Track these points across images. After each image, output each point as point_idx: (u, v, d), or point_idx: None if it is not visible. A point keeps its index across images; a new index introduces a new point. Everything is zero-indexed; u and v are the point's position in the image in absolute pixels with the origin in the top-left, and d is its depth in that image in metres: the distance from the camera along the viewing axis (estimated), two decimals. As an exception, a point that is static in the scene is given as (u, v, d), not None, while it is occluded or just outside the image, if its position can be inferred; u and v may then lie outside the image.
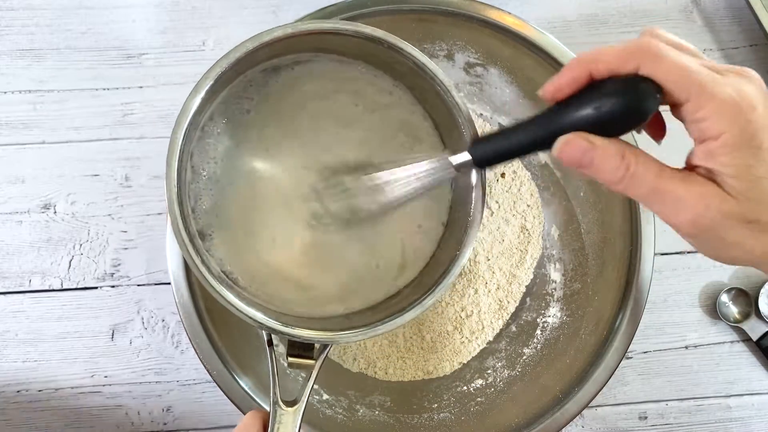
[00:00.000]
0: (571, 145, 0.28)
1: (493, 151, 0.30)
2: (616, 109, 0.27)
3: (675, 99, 0.27)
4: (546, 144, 0.29)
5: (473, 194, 0.37)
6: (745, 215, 0.27)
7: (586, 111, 0.27)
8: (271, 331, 0.35)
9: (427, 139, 0.40)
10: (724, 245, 0.28)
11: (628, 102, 0.27)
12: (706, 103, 0.26)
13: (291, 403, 0.36)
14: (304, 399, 0.35)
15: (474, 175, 0.36)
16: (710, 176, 0.27)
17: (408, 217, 0.40)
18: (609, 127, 0.27)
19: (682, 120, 0.27)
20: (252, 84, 0.38)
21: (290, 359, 0.37)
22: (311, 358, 0.37)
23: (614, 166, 0.27)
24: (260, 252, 0.38)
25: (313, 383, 0.36)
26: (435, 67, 0.36)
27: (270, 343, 0.37)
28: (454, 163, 0.31)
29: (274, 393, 0.35)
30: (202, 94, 0.34)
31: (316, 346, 0.37)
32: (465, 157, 0.31)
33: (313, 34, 0.36)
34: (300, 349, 0.37)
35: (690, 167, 0.28)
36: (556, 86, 0.28)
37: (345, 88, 0.39)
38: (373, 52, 0.37)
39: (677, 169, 0.28)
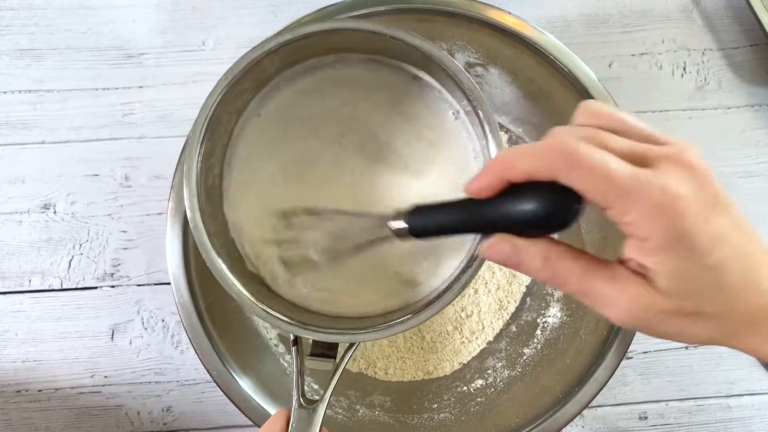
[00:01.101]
0: (495, 248, 0.28)
1: (425, 226, 0.31)
2: (536, 216, 0.26)
3: (598, 204, 0.25)
4: (475, 230, 0.30)
5: None
6: (681, 310, 0.26)
7: (510, 213, 0.27)
8: (299, 334, 0.35)
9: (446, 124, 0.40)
10: (665, 334, 0.28)
11: (547, 210, 0.26)
12: (629, 210, 0.25)
13: (312, 403, 0.36)
14: (326, 398, 0.36)
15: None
16: (642, 271, 0.26)
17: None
18: (533, 229, 0.27)
19: (609, 219, 0.26)
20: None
21: (311, 359, 0.37)
22: (333, 358, 0.37)
23: (539, 267, 0.27)
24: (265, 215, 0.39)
25: (336, 383, 0.37)
26: (440, 52, 0.36)
27: (295, 342, 0.37)
28: (392, 228, 0.32)
29: (297, 393, 0.36)
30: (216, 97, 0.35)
31: (341, 345, 0.37)
32: (402, 225, 0.32)
33: (318, 35, 0.36)
34: (323, 348, 0.37)
35: (622, 259, 0.27)
36: (476, 188, 0.28)
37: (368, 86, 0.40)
38: (385, 46, 0.37)
39: (604, 266, 0.27)
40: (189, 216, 0.35)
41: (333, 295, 0.39)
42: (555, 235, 0.29)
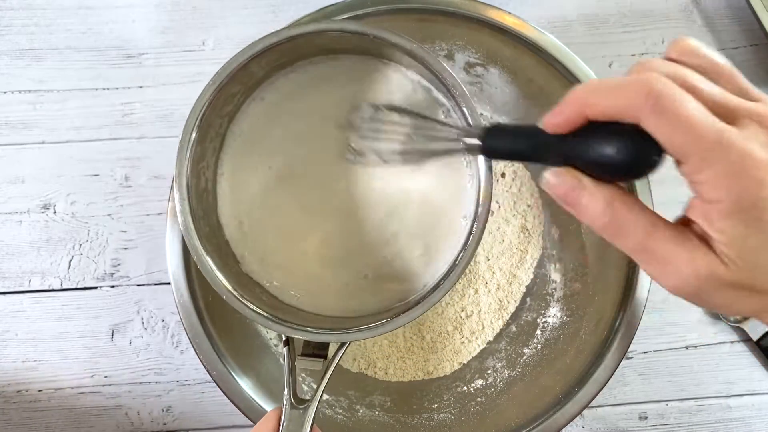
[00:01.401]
0: (559, 179, 0.27)
1: (498, 148, 0.30)
2: (612, 161, 0.25)
3: (675, 157, 0.24)
4: (545, 161, 0.28)
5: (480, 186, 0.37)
6: (736, 283, 0.25)
7: (584, 152, 0.26)
8: (289, 335, 0.35)
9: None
10: (710, 305, 0.27)
11: (623, 157, 0.25)
12: (705, 168, 0.23)
13: (303, 402, 0.36)
14: (317, 398, 0.36)
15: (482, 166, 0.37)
16: (705, 237, 0.25)
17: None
18: (604, 173, 0.26)
19: (681, 174, 0.25)
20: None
21: (302, 359, 0.37)
22: (324, 357, 0.37)
23: (599, 211, 0.26)
24: (277, 243, 0.39)
25: (327, 383, 0.37)
26: (423, 51, 0.36)
27: (287, 342, 0.37)
28: (466, 143, 0.31)
29: (288, 392, 0.36)
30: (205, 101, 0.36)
31: (331, 345, 0.37)
32: (476, 141, 0.31)
33: (305, 36, 0.36)
34: (314, 348, 0.37)
35: (686, 221, 0.26)
36: (555, 122, 0.27)
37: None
38: (368, 46, 0.38)
39: (671, 225, 0.26)
40: (180, 219, 0.35)
41: (325, 295, 0.39)
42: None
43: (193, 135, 0.35)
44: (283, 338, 0.37)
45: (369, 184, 0.39)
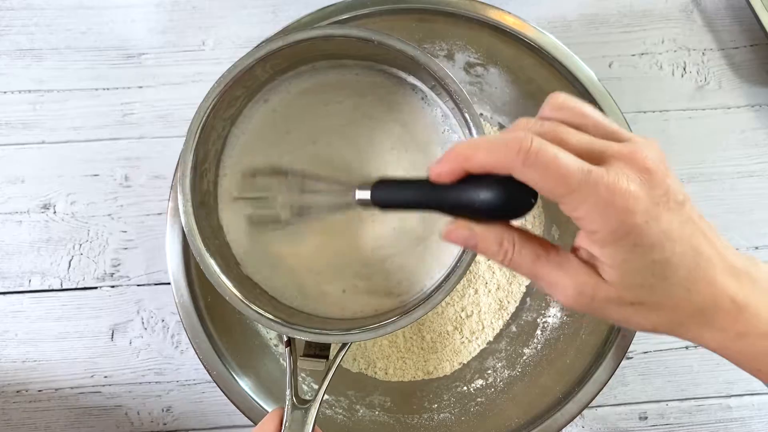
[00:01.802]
0: (455, 232, 0.29)
1: (388, 199, 0.32)
2: (492, 205, 0.28)
3: (551, 199, 0.27)
4: (434, 209, 0.30)
5: None
6: (625, 300, 0.27)
7: (467, 199, 0.28)
8: (292, 335, 0.36)
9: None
10: (611, 318, 0.29)
11: (502, 201, 0.28)
12: (579, 205, 0.26)
13: (305, 402, 0.36)
14: (319, 398, 0.36)
15: None
16: (591, 260, 0.28)
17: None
18: (489, 215, 0.29)
19: (563, 211, 0.28)
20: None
21: (304, 359, 0.38)
22: (326, 357, 0.38)
23: (493, 251, 0.29)
24: (275, 245, 0.39)
25: (329, 383, 0.37)
26: (426, 57, 0.37)
27: (288, 343, 0.38)
28: (357, 198, 0.33)
29: (290, 392, 0.36)
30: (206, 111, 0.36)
31: (333, 346, 0.38)
32: (366, 195, 0.33)
33: (310, 41, 0.36)
34: (316, 349, 0.38)
35: (575, 247, 0.29)
36: (436, 173, 0.29)
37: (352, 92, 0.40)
38: (369, 51, 0.38)
39: (555, 253, 0.29)
40: (183, 220, 0.36)
41: (324, 297, 0.39)
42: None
43: (197, 137, 0.36)
44: (285, 339, 0.37)
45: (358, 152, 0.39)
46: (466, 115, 0.37)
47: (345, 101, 0.40)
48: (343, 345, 0.38)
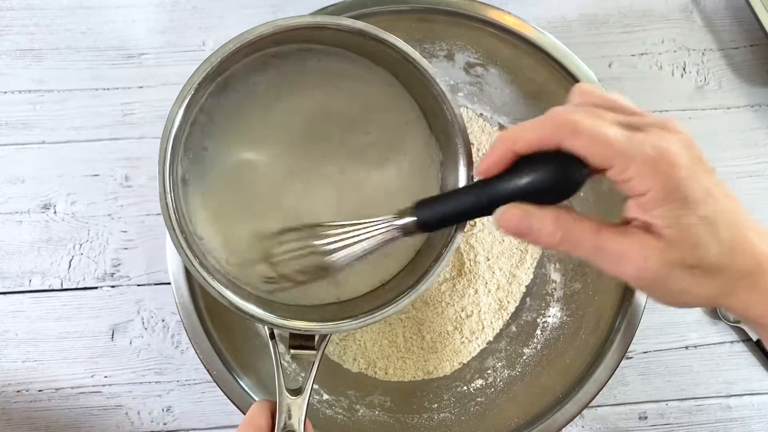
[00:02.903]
0: (508, 214, 0.29)
1: (435, 216, 0.32)
2: (546, 184, 0.28)
3: (599, 167, 0.28)
4: (485, 211, 0.30)
5: (460, 182, 0.38)
6: (684, 261, 0.28)
7: (519, 184, 0.29)
8: (272, 325, 0.36)
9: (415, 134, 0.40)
10: (671, 293, 0.29)
11: (555, 177, 0.28)
12: (628, 166, 0.27)
13: (295, 393, 0.37)
14: (309, 387, 0.37)
15: (461, 171, 0.37)
16: (647, 228, 0.28)
17: (398, 202, 0.40)
18: (542, 197, 0.29)
19: (612, 182, 0.28)
20: (238, 77, 0.38)
21: (292, 351, 0.38)
22: (312, 348, 0.38)
23: (550, 231, 0.29)
24: (251, 238, 0.38)
25: (316, 372, 0.37)
26: (418, 56, 0.37)
27: (272, 336, 0.38)
28: (399, 226, 0.33)
29: (280, 383, 0.36)
30: (187, 99, 0.35)
31: (317, 336, 0.38)
32: (410, 220, 0.32)
33: (297, 30, 0.36)
34: (301, 340, 0.38)
35: (627, 220, 0.29)
36: (485, 166, 0.30)
37: (332, 83, 0.39)
38: (359, 44, 0.38)
39: (615, 225, 0.29)
40: (167, 228, 0.35)
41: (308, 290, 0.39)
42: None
43: (171, 142, 0.36)
44: (267, 331, 0.38)
45: (339, 181, 0.39)
46: (449, 117, 0.36)
47: (321, 99, 0.39)
48: (325, 336, 0.38)
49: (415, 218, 0.32)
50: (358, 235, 0.35)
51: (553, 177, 0.28)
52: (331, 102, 0.39)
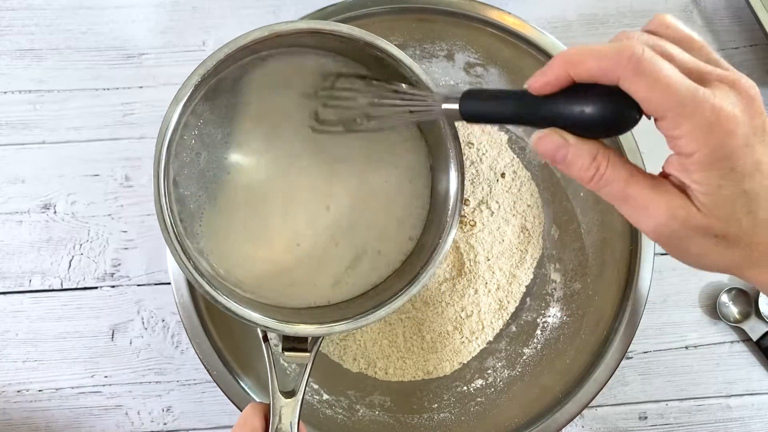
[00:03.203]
0: (546, 139, 0.29)
1: (479, 110, 0.31)
2: (594, 119, 0.27)
3: (653, 114, 0.27)
4: (528, 122, 0.30)
5: (451, 186, 0.39)
6: (711, 230, 0.27)
7: (568, 111, 0.28)
8: (265, 329, 0.36)
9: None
10: (688, 254, 0.29)
11: (605, 114, 0.27)
12: (682, 123, 0.26)
13: (289, 394, 0.37)
14: (302, 390, 0.37)
15: (453, 175, 0.38)
16: (682, 187, 0.27)
17: (389, 206, 0.40)
18: (587, 130, 0.28)
19: (660, 131, 0.27)
20: (228, 81, 0.38)
21: (286, 353, 0.38)
22: (305, 350, 0.38)
23: (585, 165, 0.28)
24: (247, 243, 0.39)
25: (309, 373, 0.37)
26: (405, 56, 0.37)
27: (265, 338, 0.38)
28: (443, 108, 0.32)
29: (273, 386, 0.36)
30: (182, 101, 0.35)
31: (309, 339, 0.38)
32: (454, 106, 0.32)
33: (290, 35, 0.36)
34: (294, 342, 0.38)
35: (665, 174, 0.28)
36: (541, 83, 0.28)
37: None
38: (350, 48, 0.38)
39: (649, 176, 0.28)
40: (162, 228, 0.35)
41: (298, 288, 0.39)
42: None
43: (167, 141, 0.36)
44: (260, 334, 0.38)
45: (331, 182, 0.39)
46: (441, 120, 0.37)
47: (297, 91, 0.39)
48: (317, 338, 0.38)
49: (459, 106, 0.31)
50: (406, 100, 0.35)
51: (603, 114, 0.27)
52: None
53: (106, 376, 0.54)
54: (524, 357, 0.53)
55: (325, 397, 0.50)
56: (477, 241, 0.54)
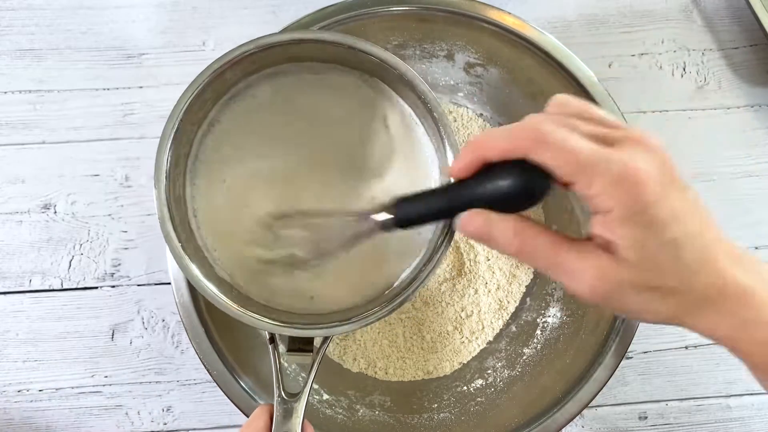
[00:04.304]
0: (469, 219, 0.30)
1: (411, 215, 0.33)
2: (509, 192, 0.28)
3: (566, 179, 0.27)
4: (456, 213, 0.31)
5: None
6: (645, 283, 0.27)
7: (483, 191, 0.29)
8: (274, 331, 0.36)
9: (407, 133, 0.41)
10: (629, 310, 0.29)
11: (518, 186, 0.28)
12: (594, 182, 0.26)
13: (293, 396, 0.37)
14: (307, 391, 0.37)
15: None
16: (607, 246, 0.28)
17: None
18: (505, 206, 0.29)
19: (578, 195, 0.28)
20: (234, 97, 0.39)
21: (290, 354, 0.38)
22: (310, 351, 0.38)
23: (508, 240, 0.29)
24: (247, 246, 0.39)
25: (314, 376, 0.38)
26: (397, 60, 0.37)
27: (272, 340, 0.38)
28: (378, 221, 0.33)
29: (278, 387, 0.37)
30: (186, 101, 0.35)
31: (316, 340, 0.38)
32: (387, 216, 0.33)
33: (281, 46, 0.37)
34: (300, 343, 0.38)
35: (589, 236, 0.29)
36: (456, 169, 0.30)
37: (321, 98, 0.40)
38: (345, 56, 0.38)
39: (575, 240, 0.29)
40: (161, 225, 0.36)
41: (301, 294, 0.39)
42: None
43: (170, 143, 0.36)
44: (267, 336, 0.38)
45: (341, 187, 0.39)
46: (436, 117, 0.37)
47: (314, 102, 0.40)
48: (326, 338, 0.38)
49: (393, 216, 0.33)
50: (338, 225, 0.36)
51: (515, 187, 0.28)
52: (327, 112, 0.40)
53: (106, 376, 0.54)
54: (524, 357, 0.53)
55: (325, 397, 0.50)
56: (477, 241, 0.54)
